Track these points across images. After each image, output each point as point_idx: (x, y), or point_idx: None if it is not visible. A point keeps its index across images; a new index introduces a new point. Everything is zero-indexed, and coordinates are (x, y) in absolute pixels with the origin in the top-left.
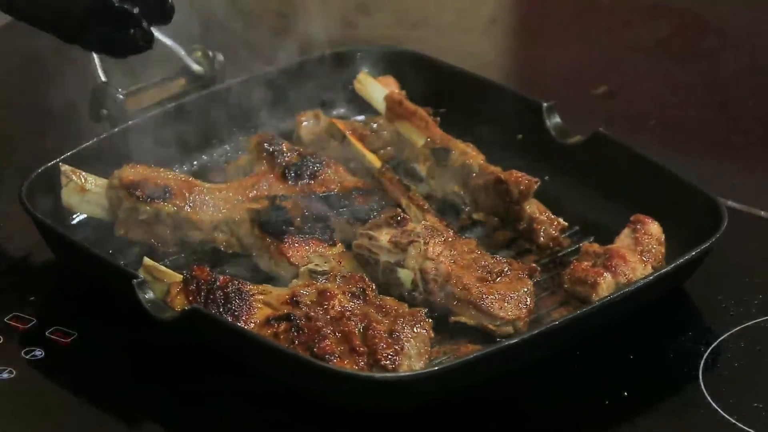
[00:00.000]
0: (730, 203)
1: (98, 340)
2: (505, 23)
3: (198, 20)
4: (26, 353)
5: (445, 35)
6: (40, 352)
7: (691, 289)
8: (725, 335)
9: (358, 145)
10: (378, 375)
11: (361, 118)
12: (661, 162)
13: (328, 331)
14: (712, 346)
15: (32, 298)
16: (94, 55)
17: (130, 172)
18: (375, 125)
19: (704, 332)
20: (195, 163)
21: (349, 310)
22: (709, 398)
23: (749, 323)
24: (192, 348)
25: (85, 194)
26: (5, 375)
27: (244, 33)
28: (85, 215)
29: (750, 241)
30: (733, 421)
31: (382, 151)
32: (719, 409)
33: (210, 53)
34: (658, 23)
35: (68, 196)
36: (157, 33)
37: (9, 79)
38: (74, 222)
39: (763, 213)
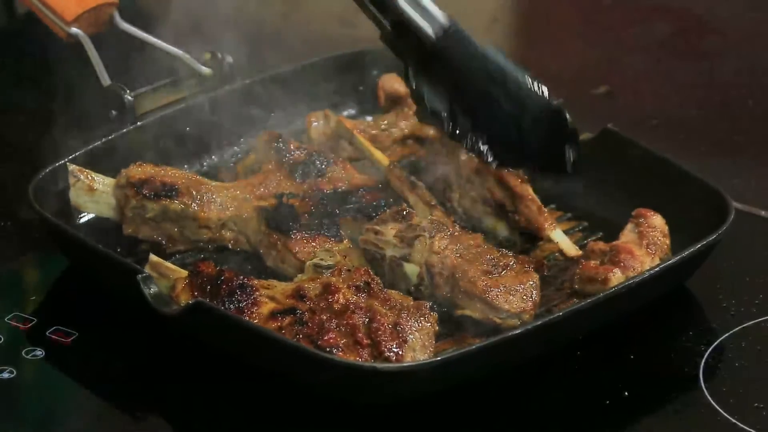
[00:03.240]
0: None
1: (99, 340)
2: (506, 23)
3: (205, 22)
4: (27, 353)
5: None
6: (40, 352)
7: (692, 288)
8: (726, 335)
9: (366, 143)
10: (380, 365)
11: (369, 118)
12: (672, 159)
13: (332, 325)
14: (713, 345)
15: (33, 298)
16: (97, 58)
17: (138, 171)
18: (384, 124)
19: (705, 332)
20: (205, 164)
21: (353, 304)
22: (709, 398)
23: (750, 323)
24: (193, 347)
25: (93, 194)
26: (6, 375)
27: (250, 34)
28: (93, 215)
29: (751, 240)
30: (734, 421)
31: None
32: (720, 409)
33: (219, 55)
34: (659, 23)
35: (76, 196)
36: (161, 41)
37: (17, 80)
38: (81, 222)
39: (763, 213)
